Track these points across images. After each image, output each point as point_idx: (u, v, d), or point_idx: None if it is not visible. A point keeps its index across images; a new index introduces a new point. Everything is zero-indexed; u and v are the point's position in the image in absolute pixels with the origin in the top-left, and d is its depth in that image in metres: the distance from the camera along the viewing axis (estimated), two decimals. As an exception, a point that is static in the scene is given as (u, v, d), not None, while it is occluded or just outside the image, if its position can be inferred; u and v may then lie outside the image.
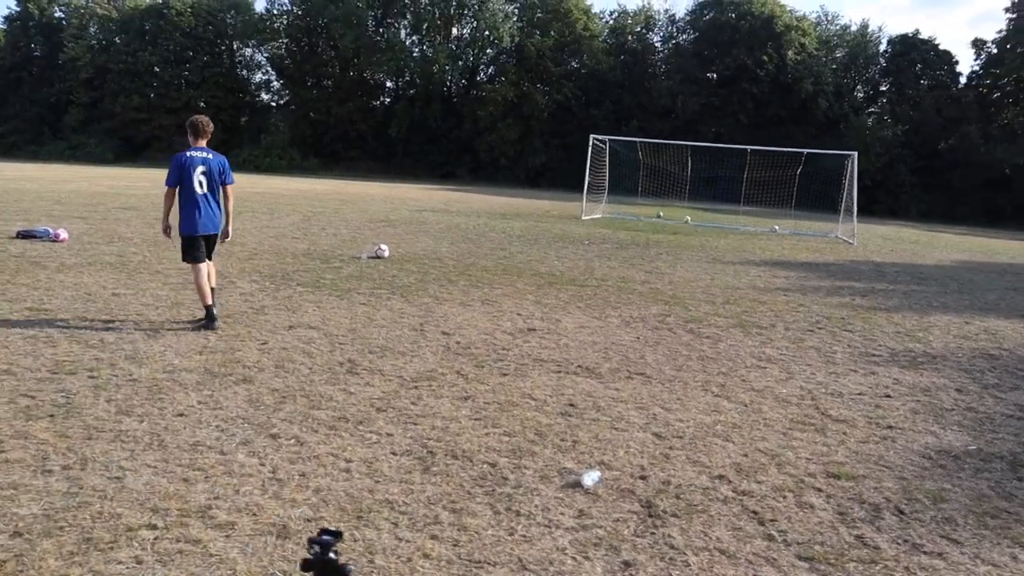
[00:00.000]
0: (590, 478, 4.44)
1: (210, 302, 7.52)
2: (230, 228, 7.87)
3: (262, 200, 25.12)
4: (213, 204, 7.60)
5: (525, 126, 59.23)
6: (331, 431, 5.10)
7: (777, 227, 27.23)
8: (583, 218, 26.59)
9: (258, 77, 69.74)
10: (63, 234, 13.19)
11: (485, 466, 4.69)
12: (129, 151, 59.79)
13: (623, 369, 7.20)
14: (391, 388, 6.08)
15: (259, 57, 69.18)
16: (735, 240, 22.21)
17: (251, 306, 8.77)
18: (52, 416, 5.01)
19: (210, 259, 7.69)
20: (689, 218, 28.24)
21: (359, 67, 64.79)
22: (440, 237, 17.36)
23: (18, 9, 64.73)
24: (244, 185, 33.70)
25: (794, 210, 29.26)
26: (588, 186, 27.17)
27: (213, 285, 7.68)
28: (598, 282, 12.37)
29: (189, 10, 61.47)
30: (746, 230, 26.21)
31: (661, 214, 30.19)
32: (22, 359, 6.17)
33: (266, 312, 8.50)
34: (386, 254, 13.33)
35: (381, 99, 66.56)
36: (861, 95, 62.74)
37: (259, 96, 69.62)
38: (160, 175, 10.29)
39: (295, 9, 64.60)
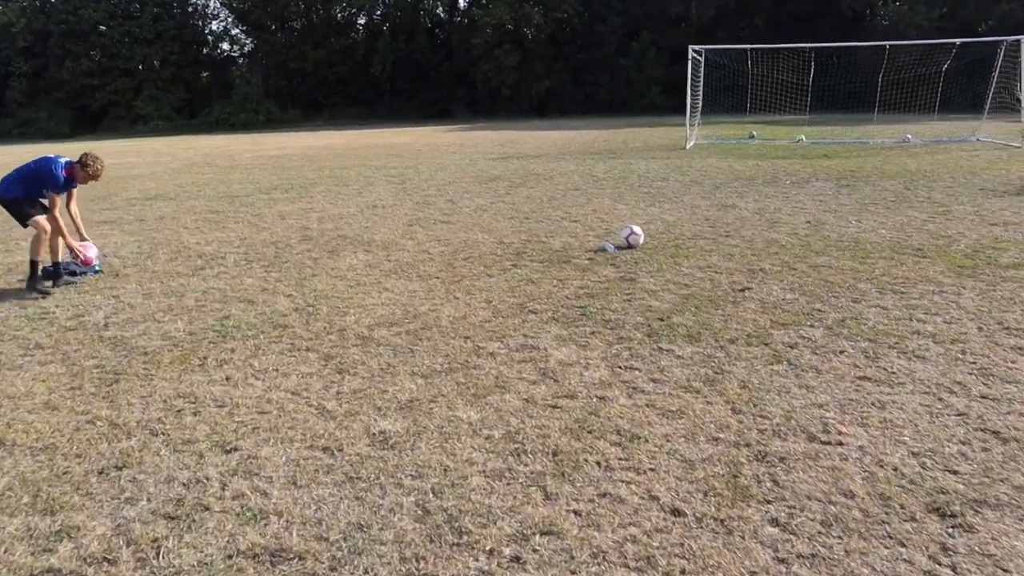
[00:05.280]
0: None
1: None
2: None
3: (300, 165, 19.68)
4: None
5: (523, 51, 53.20)
6: None
7: (909, 136, 22.44)
8: (687, 146, 21.51)
9: (215, 26, 62.56)
10: (90, 250, 7.87)
11: None
12: (86, 121, 53.04)
13: None
14: None
15: (213, 4, 61.98)
16: (921, 157, 17.36)
17: (720, 429, 3.96)
18: None
19: None
20: (803, 136, 23.29)
21: (326, 4, 57.91)
22: (613, 197, 12.37)
23: (-68, -27, 56.62)
24: (244, 147, 28.01)
25: (937, 114, 24.27)
26: (688, 108, 22.01)
27: None
28: (1005, 254, 7.57)
29: (129, -44, 54.01)
30: (879, 143, 21.39)
31: (755, 133, 25.22)
32: None
33: (794, 467, 3.50)
34: (641, 240, 8.37)
35: (354, 37, 59.72)
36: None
37: (219, 48, 62.49)
38: (125, 146, 5.63)
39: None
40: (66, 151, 8.16)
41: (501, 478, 3.51)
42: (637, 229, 8.51)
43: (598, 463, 3.62)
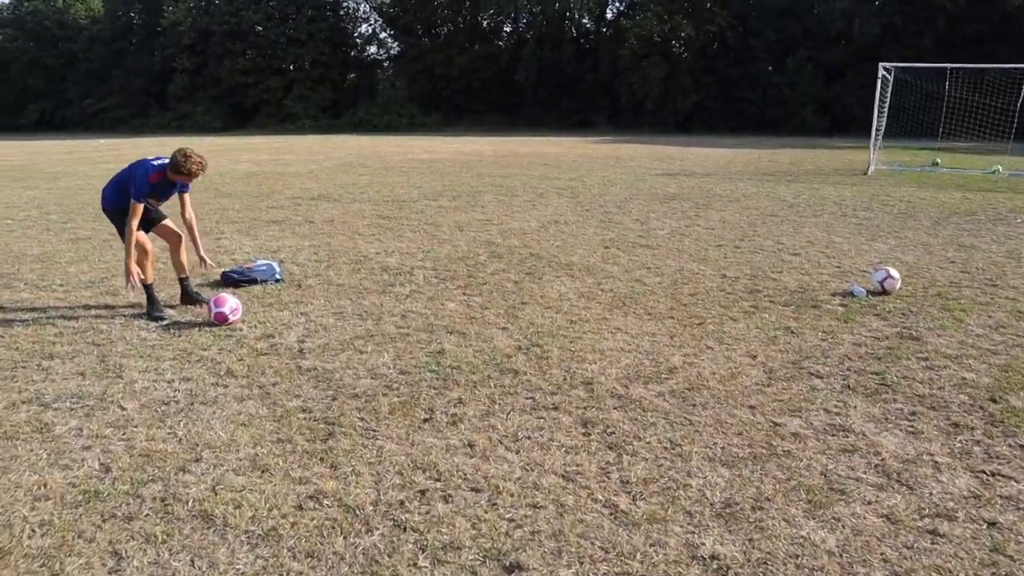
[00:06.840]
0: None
1: None
2: None
3: (456, 171, 18.96)
4: None
5: (670, 64, 51.56)
6: None
7: None
8: (869, 172, 19.68)
9: (364, 29, 63.71)
10: (224, 304, 6.21)
11: None
12: (237, 117, 54.86)
13: None
14: None
15: (364, 8, 63.15)
16: None
17: None
18: None
19: None
20: (1000, 167, 20.96)
21: (472, 11, 57.95)
22: (822, 227, 10.95)
23: (114, -25, 59.93)
24: (391, 149, 27.73)
25: None
26: (873, 131, 20.17)
27: None
28: None
29: (289, -38, 55.51)
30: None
31: (938, 161, 22.99)
32: None
33: None
34: (898, 286, 7.00)
35: (499, 44, 59.52)
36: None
37: (367, 51, 63.61)
38: (277, 143, 4.43)
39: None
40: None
41: (932, 667, 2.35)
42: (894, 273, 7.20)
43: (1070, 655, 2.41)
